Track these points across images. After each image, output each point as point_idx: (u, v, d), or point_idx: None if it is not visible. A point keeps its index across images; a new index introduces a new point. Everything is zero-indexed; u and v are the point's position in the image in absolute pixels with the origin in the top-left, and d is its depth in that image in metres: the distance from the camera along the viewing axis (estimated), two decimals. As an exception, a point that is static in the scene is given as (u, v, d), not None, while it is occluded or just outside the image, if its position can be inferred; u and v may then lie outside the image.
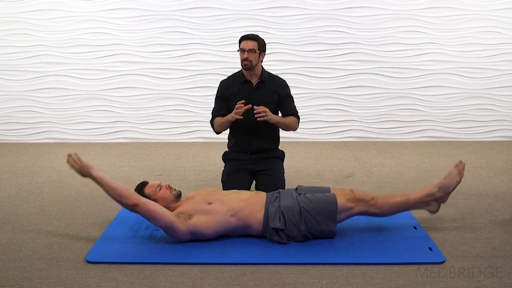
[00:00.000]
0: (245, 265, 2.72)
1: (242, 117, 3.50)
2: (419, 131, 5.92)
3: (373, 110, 5.87)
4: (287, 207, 2.96)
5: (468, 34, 5.71)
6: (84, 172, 2.91)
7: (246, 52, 3.54)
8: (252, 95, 3.64)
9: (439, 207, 3.18)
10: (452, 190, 3.11)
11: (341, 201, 2.97)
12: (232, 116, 3.54)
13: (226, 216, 2.93)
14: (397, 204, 3.03)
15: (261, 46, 3.60)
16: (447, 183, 3.09)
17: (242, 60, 3.58)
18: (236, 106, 3.50)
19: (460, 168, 3.11)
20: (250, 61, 3.57)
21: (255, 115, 3.49)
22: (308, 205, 2.96)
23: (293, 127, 3.74)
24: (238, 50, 3.62)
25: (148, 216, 2.86)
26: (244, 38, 3.59)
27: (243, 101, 3.50)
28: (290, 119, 3.72)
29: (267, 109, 3.50)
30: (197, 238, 2.94)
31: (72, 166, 2.91)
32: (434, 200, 3.09)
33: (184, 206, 2.98)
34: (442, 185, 3.08)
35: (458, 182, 3.10)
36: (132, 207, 2.84)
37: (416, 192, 3.11)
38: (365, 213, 3.03)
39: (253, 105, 3.53)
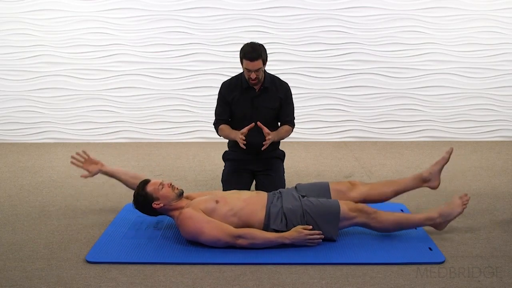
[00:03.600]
0: (245, 265, 2.72)
1: (245, 148, 3.47)
2: (419, 131, 5.92)
3: (373, 110, 5.87)
4: (289, 209, 2.96)
5: (468, 34, 5.71)
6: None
7: (253, 72, 3.45)
8: (254, 101, 3.62)
9: (446, 225, 3.16)
10: (452, 219, 3.11)
11: (344, 209, 2.97)
12: (236, 139, 3.49)
13: (226, 216, 2.93)
14: (397, 222, 3.03)
15: (265, 58, 3.49)
16: (449, 211, 3.08)
17: (250, 79, 3.50)
18: (242, 135, 3.44)
19: (464, 200, 3.10)
20: (258, 79, 3.52)
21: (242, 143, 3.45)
22: (311, 209, 2.96)
23: (286, 137, 3.76)
24: (242, 65, 3.52)
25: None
26: (247, 58, 3.42)
27: (252, 125, 3.47)
28: (285, 130, 3.70)
29: (269, 135, 3.46)
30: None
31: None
32: (433, 225, 3.10)
33: (194, 203, 2.98)
34: (443, 213, 3.07)
35: (459, 213, 3.10)
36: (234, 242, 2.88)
37: (417, 214, 3.12)
38: (365, 225, 3.02)
39: (256, 124, 3.51)
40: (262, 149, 3.50)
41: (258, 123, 3.48)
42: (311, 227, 2.91)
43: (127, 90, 5.84)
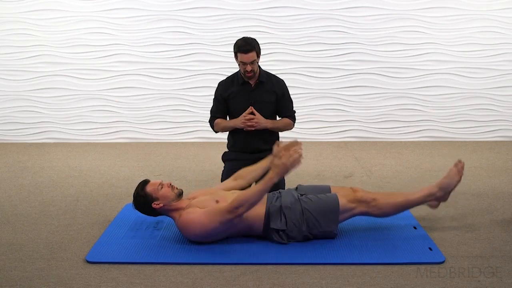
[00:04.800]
0: (245, 265, 2.72)
1: (252, 129, 3.57)
2: (419, 131, 5.92)
3: (373, 110, 5.87)
4: (288, 208, 2.96)
5: (468, 34, 5.71)
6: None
7: (248, 65, 3.52)
8: (251, 95, 3.65)
9: (439, 204, 3.18)
10: (453, 189, 3.11)
11: (342, 201, 2.97)
12: (237, 124, 3.58)
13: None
14: (398, 205, 3.03)
15: (258, 51, 3.57)
16: (447, 182, 3.08)
17: (246, 72, 3.56)
18: (245, 117, 3.55)
19: (460, 168, 3.10)
20: (253, 72, 3.57)
21: (246, 125, 3.57)
22: (310, 206, 2.96)
23: (286, 129, 3.79)
24: (237, 60, 3.58)
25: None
26: (241, 51, 3.51)
27: (250, 110, 3.55)
28: (283, 122, 3.75)
29: (256, 118, 3.56)
30: (205, 240, 2.94)
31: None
32: (435, 199, 3.10)
33: (194, 202, 2.98)
34: (442, 185, 3.08)
35: (458, 182, 3.10)
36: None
37: (417, 192, 3.11)
38: (366, 214, 3.03)
39: (252, 104, 3.60)
40: (249, 125, 3.57)
41: (251, 107, 3.56)
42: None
43: (127, 90, 5.84)
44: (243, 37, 3.60)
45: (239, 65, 3.59)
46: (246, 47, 3.50)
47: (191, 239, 2.97)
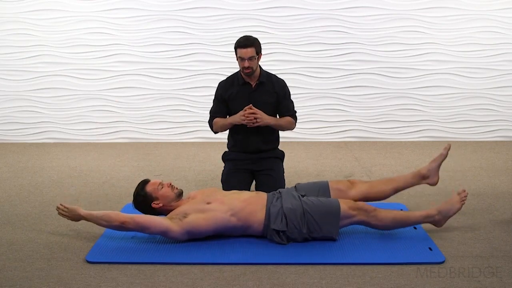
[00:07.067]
0: (245, 265, 2.72)
1: (254, 125, 3.54)
2: (419, 131, 5.92)
3: (373, 110, 5.87)
4: (289, 209, 2.96)
5: (468, 34, 5.71)
6: (74, 216, 3.03)
7: (246, 60, 3.51)
8: (251, 96, 3.65)
9: (445, 222, 3.16)
10: (451, 216, 3.10)
11: (343, 208, 2.97)
12: (237, 120, 3.56)
13: (225, 215, 2.93)
14: (397, 220, 3.02)
15: (258, 49, 3.57)
16: (448, 208, 3.08)
17: (243, 68, 3.56)
18: (246, 113, 3.53)
19: (463, 196, 3.10)
20: (251, 68, 3.56)
21: (247, 122, 3.53)
22: (312, 208, 2.95)
23: (288, 128, 3.77)
24: (236, 57, 3.58)
25: (140, 228, 2.90)
26: (240, 46, 3.52)
27: (250, 107, 3.54)
28: (285, 120, 3.73)
29: (258, 114, 3.53)
30: (196, 236, 2.95)
31: (63, 216, 3.05)
32: (432, 222, 3.09)
33: (182, 206, 2.99)
34: (442, 210, 3.07)
35: (459, 209, 3.09)
36: (122, 225, 2.90)
37: (417, 212, 3.11)
38: (365, 223, 3.02)
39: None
40: (250, 119, 3.54)
41: (250, 105, 3.55)
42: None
43: (127, 90, 5.84)
44: (245, 35, 3.61)
45: (238, 61, 3.59)
46: (245, 42, 3.52)
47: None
